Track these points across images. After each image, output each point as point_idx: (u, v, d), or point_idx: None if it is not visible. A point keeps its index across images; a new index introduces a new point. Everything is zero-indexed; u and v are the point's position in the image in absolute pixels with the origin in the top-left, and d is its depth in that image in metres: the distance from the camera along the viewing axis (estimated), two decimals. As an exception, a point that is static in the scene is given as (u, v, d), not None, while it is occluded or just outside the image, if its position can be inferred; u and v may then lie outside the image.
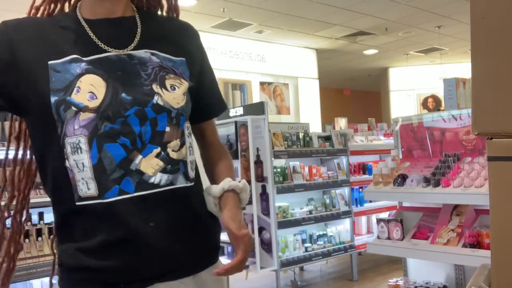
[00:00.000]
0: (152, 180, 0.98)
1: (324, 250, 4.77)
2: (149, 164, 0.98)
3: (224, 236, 1.09)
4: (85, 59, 0.99)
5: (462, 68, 10.93)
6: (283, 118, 9.43)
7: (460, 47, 10.34)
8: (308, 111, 9.78)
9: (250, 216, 4.25)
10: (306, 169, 4.77)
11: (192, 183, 1.05)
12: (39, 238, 2.48)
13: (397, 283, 2.98)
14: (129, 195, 0.96)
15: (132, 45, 1.04)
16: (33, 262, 2.41)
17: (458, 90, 2.80)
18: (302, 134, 4.80)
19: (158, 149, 0.99)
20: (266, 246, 4.23)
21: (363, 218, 5.54)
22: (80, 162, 0.95)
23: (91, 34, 1.03)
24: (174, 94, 1.02)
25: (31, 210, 2.51)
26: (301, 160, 4.80)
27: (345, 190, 5.09)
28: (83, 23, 1.04)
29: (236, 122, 4.37)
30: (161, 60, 1.05)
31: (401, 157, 3.11)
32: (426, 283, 2.85)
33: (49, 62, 0.97)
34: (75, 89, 0.95)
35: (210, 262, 1.08)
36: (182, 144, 1.03)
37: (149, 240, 0.97)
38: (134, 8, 1.12)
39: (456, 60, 11.31)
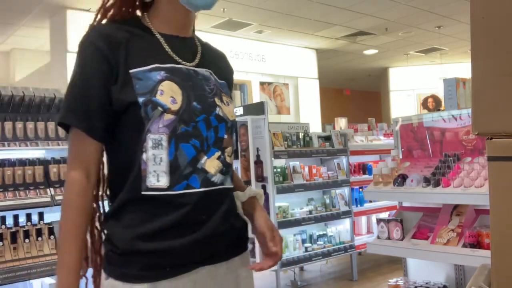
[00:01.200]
0: (213, 179, 1.13)
1: (324, 250, 4.77)
2: (211, 165, 1.13)
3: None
4: (163, 66, 1.13)
5: (462, 68, 10.93)
6: (283, 118, 9.43)
7: (460, 47, 10.34)
8: (308, 111, 9.78)
9: (250, 216, 4.25)
10: (306, 169, 4.77)
11: (232, 185, 1.22)
12: (39, 238, 2.48)
13: (397, 283, 2.98)
14: (195, 189, 1.10)
15: (194, 62, 1.20)
16: (33, 262, 2.41)
17: (458, 90, 2.80)
18: (302, 134, 4.80)
19: (219, 153, 1.15)
20: (266, 246, 4.22)
21: (363, 218, 5.54)
22: (158, 156, 1.08)
23: (166, 47, 1.17)
24: (229, 108, 1.21)
25: (31, 210, 2.53)
26: (301, 160, 4.80)
27: (345, 190, 5.09)
28: (158, 36, 1.18)
29: (236, 122, 4.36)
30: (214, 79, 1.22)
31: (401, 157, 3.11)
32: (426, 283, 2.85)
33: (130, 71, 1.10)
34: (159, 91, 1.09)
35: (241, 250, 1.25)
36: (232, 151, 1.21)
37: (201, 229, 1.10)
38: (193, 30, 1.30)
39: (456, 60, 11.31)
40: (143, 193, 1.08)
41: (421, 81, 12.00)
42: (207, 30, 7.98)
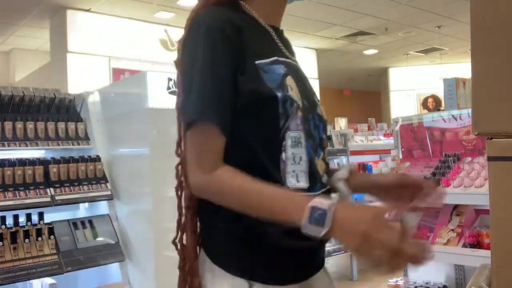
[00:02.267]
0: (323, 180, 1.06)
1: (324, 250, 4.77)
2: (319, 165, 1.05)
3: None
4: (281, 59, 1.03)
5: (462, 68, 10.93)
6: (283, 118, 9.42)
7: (460, 47, 10.34)
8: (308, 111, 9.78)
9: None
10: (306, 169, 4.77)
11: None
12: (39, 238, 2.48)
13: (397, 283, 2.98)
14: (318, 191, 1.03)
15: (294, 57, 1.11)
16: (33, 262, 2.41)
17: (458, 90, 2.80)
18: (302, 134, 4.80)
19: (322, 153, 1.07)
20: (266, 246, 4.22)
21: (363, 218, 5.53)
22: (298, 155, 0.99)
23: (277, 39, 1.09)
24: (322, 107, 1.12)
25: (31, 210, 2.52)
26: (301, 160, 4.79)
27: (345, 190, 5.08)
28: (267, 27, 1.08)
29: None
30: None
31: (401, 157, 3.11)
32: (426, 283, 2.85)
33: (256, 62, 0.99)
34: (288, 87, 0.99)
35: None
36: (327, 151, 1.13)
37: None
38: None
39: (456, 60, 11.31)
40: None
41: (421, 81, 12.01)
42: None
